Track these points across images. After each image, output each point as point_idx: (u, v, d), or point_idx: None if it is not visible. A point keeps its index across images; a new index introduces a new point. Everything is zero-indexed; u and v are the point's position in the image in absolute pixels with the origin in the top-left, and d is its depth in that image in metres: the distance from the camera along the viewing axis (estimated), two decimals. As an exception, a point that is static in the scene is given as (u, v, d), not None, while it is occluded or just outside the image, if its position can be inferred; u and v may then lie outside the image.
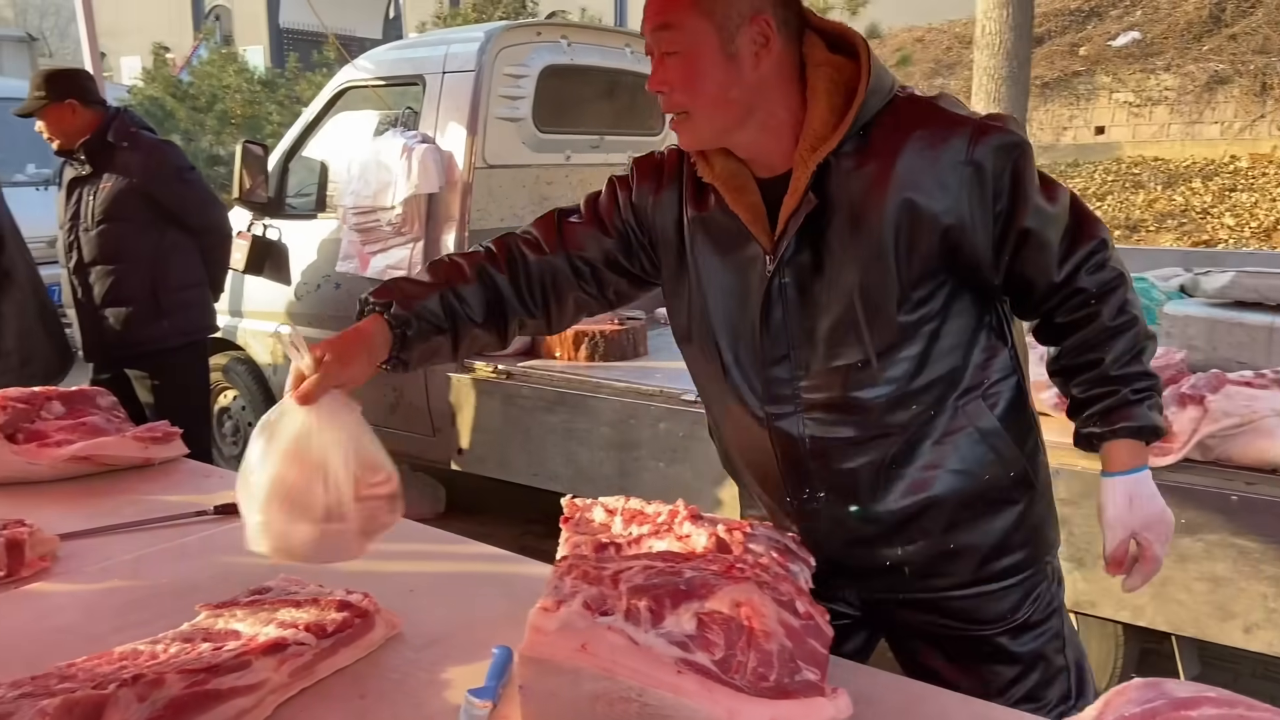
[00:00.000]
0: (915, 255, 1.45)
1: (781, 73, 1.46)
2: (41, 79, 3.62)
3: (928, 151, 1.42)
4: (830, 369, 1.51)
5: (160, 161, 3.69)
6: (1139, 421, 1.51)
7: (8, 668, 1.41)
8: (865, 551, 1.61)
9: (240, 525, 1.99)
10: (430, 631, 1.56)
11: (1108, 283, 1.51)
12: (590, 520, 1.61)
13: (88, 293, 3.70)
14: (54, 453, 2.21)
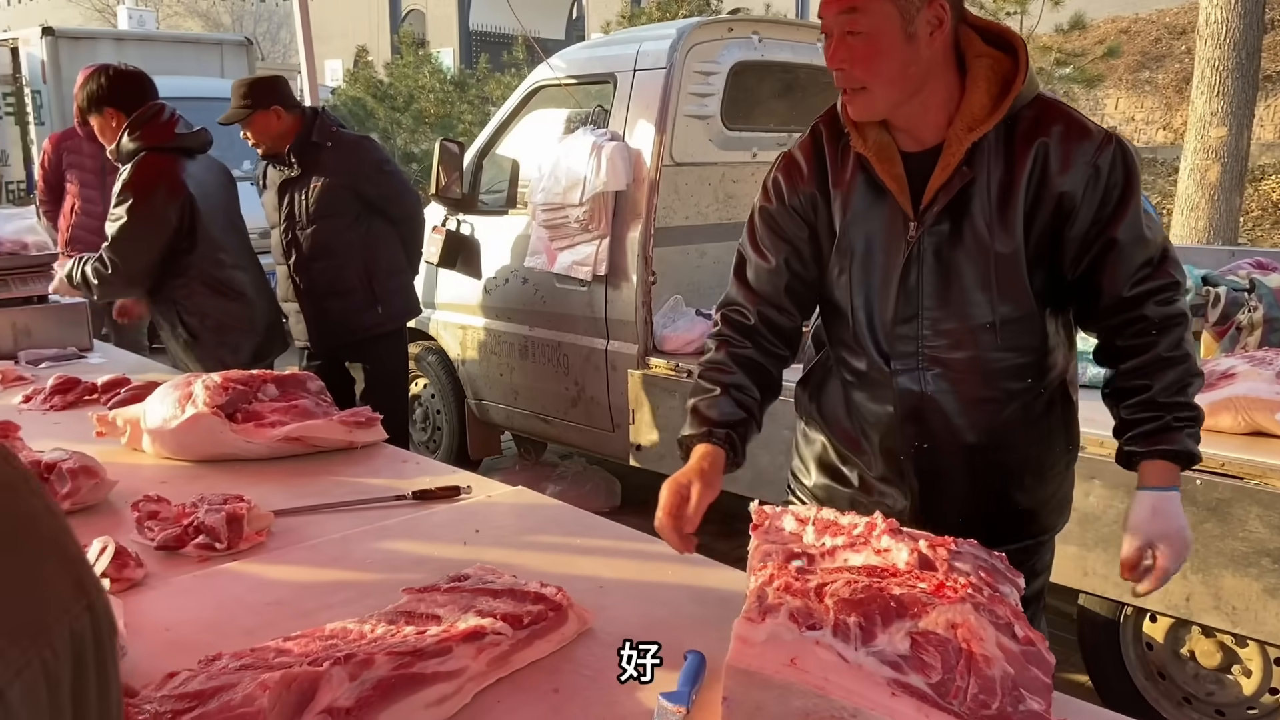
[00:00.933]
0: (1035, 228, 1.63)
1: (947, 56, 1.63)
2: (245, 88, 3.71)
3: (1062, 146, 1.60)
4: (957, 329, 1.69)
5: (362, 157, 3.81)
6: (1177, 446, 1.63)
7: (228, 638, 1.49)
8: (948, 505, 1.80)
9: (435, 511, 2.05)
10: (621, 629, 1.54)
11: (1171, 318, 1.65)
12: (780, 528, 1.55)
13: (310, 286, 3.84)
14: (268, 433, 2.33)
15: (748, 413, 1.78)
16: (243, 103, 3.68)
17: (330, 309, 3.85)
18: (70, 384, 2.87)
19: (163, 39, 9.70)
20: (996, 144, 1.62)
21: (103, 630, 0.50)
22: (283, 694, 1.19)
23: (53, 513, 0.50)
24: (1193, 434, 1.65)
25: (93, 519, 1.99)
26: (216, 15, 29.59)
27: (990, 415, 1.74)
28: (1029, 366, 1.73)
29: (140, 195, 3.32)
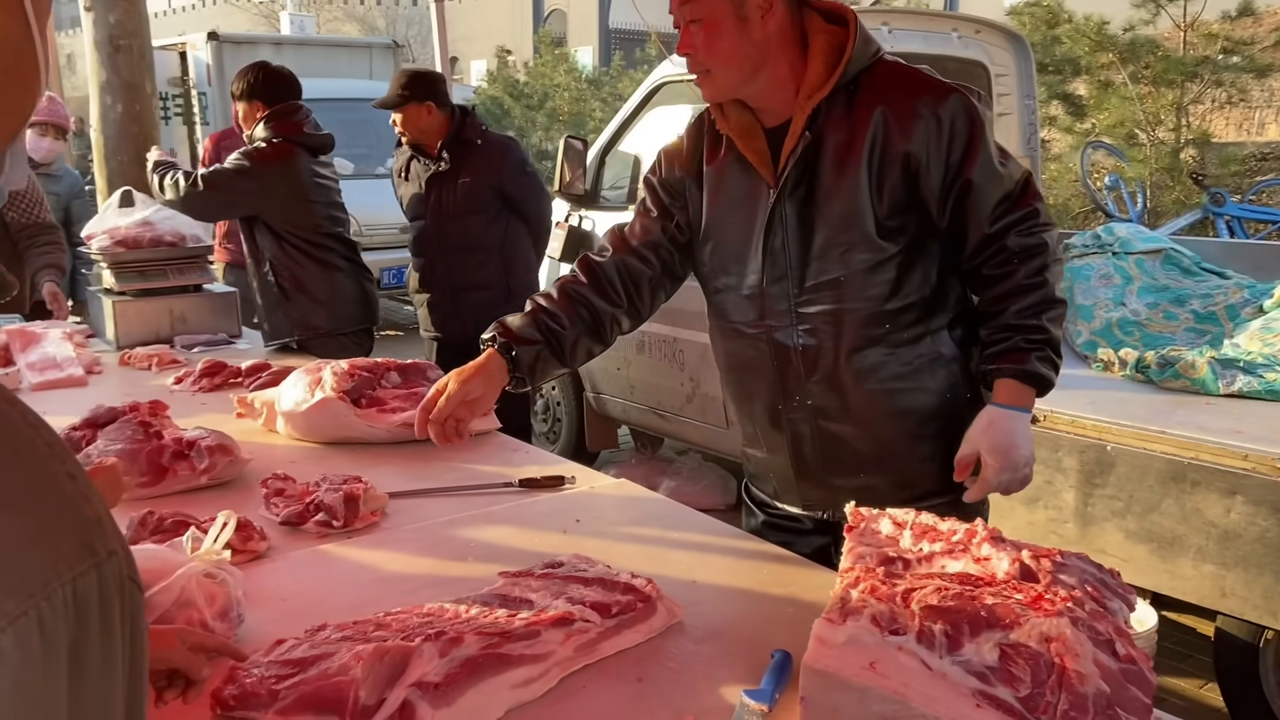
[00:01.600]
0: (886, 187, 1.73)
1: (784, 36, 1.74)
2: (407, 78, 3.85)
3: (902, 104, 1.71)
4: (819, 284, 1.78)
5: (507, 157, 3.94)
6: (1025, 367, 1.72)
7: (335, 611, 1.57)
8: (839, 464, 1.88)
9: (539, 499, 2.11)
10: (711, 625, 1.55)
11: (1031, 248, 1.73)
12: (877, 531, 1.53)
13: (450, 278, 3.95)
14: (389, 418, 2.44)
15: (546, 338, 1.89)
16: (401, 91, 3.82)
17: (468, 301, 3.95)
18: (217, 367, 3.07)
19: (316, 43, 10.22)
20: (840, 110, 1.75)
21: (110, 592, 0.52)
22: (375, 665, 1.25)
23: (71, 477, 0.53)
24: (1043, 357, 1.73)
25: (227, 493, 2.12)
26: (372, 19, 30.90)
27: (855, 367, 1.82)
28: (891, 315, 1.79)
29: (254, 162, 3.51)
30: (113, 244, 3.54)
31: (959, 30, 4.53)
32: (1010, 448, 1.73)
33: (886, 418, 1.84)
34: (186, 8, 35.98)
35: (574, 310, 1.92)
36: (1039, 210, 1.76)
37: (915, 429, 1.85)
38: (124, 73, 4.09)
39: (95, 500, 0.53)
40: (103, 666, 0.51)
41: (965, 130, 1.71)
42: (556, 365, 1.93)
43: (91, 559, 0.51)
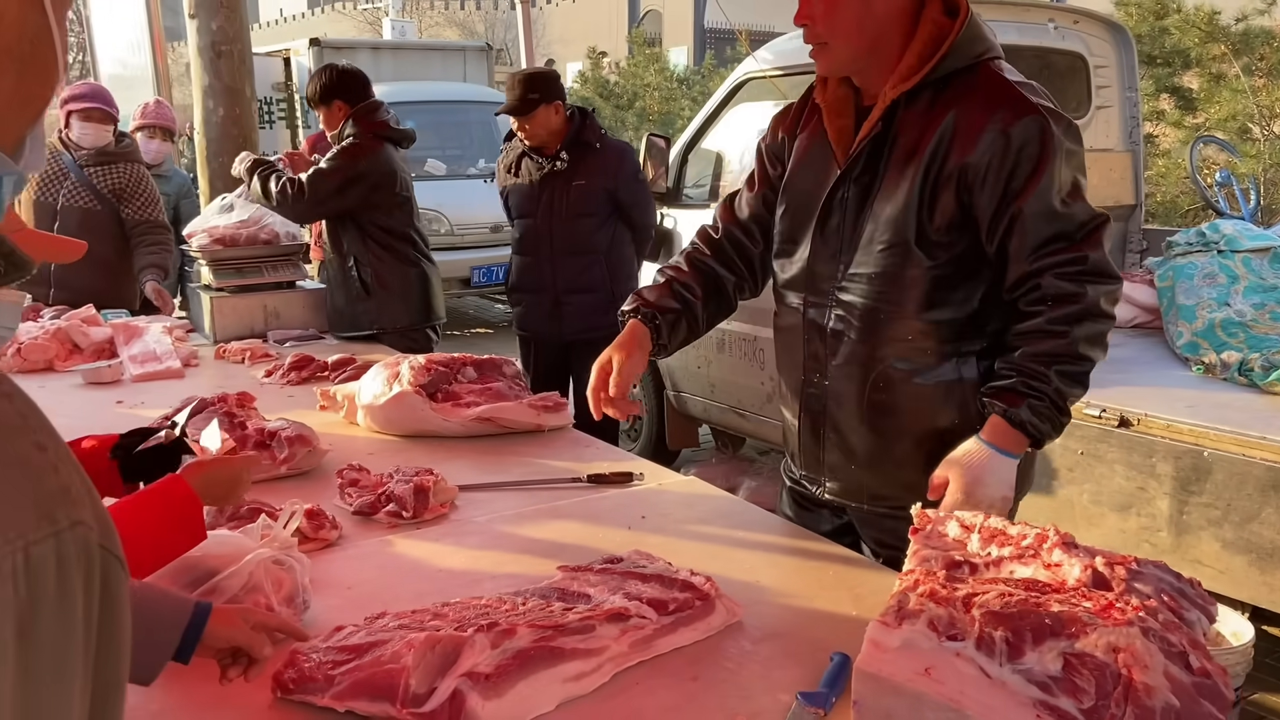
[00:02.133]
0: (939, 200, 1.68)
1: (902, 17, 1.70)
2: (530, 80, 3.73)
3: (974, 114, 1.64)
4: (859, 275, 1.77)
5: (625, 163, 3.91)
6: (1013, 410, 1.65)
7: (398, 599, 1.60)
8: (837, 450, 1.88)
9: (606, 495, 2.11)
10: (769, 625, 1.53)
11: (1066, 295, 1.64)
12: (943, 534, 1.48)
13: (556, 279, 3.89)
14: (463, 412, 2.47)
15: (683, 306, 1.94)
16: (530, 95, 3.71)
17: (571, 304, 3.90)
18: (305, 361, 3.16)
19: (412, 47, 10.47)
20: (921, 106, 1.70)
21: (70, 562, 0.52)
22: (426, 654, 1.26)
23: (40, 447, 0.54)
24: (1039, 408, 1.64)
25: (305, 483, 2.18)
26: (472, 24, 31.49)
27: (875, 365, 1.79)
28: (921, 327, 1.76)
29: (349, 159, 3.67)
30: (211, 242, 3.69)
31: (1056, 21, 4.37)
32: (975, 484, 1.67)
33: (887, 424, 1.81)
34: (295, 17, 37.25)
35: (703, 280, 1.97)
36: (1089, 258, 1.65)
37: (911, 444, 1.81)
38: (225, 77, 4.26)
39: (66, 470, 0.54)
40: (59, 635, 0.52)
41: (1032, 157, 1.63)
42: (689, 333, 1.99)
43: (50, 527, 0.51)
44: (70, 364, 3.22)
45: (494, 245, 8.24)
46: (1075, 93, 4.53)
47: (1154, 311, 4.03)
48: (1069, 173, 1.66)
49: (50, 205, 4.15)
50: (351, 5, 34.46)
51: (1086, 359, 1.66)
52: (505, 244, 8.39)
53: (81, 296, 3.79)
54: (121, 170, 4.20)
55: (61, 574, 0.52)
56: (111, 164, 4.18)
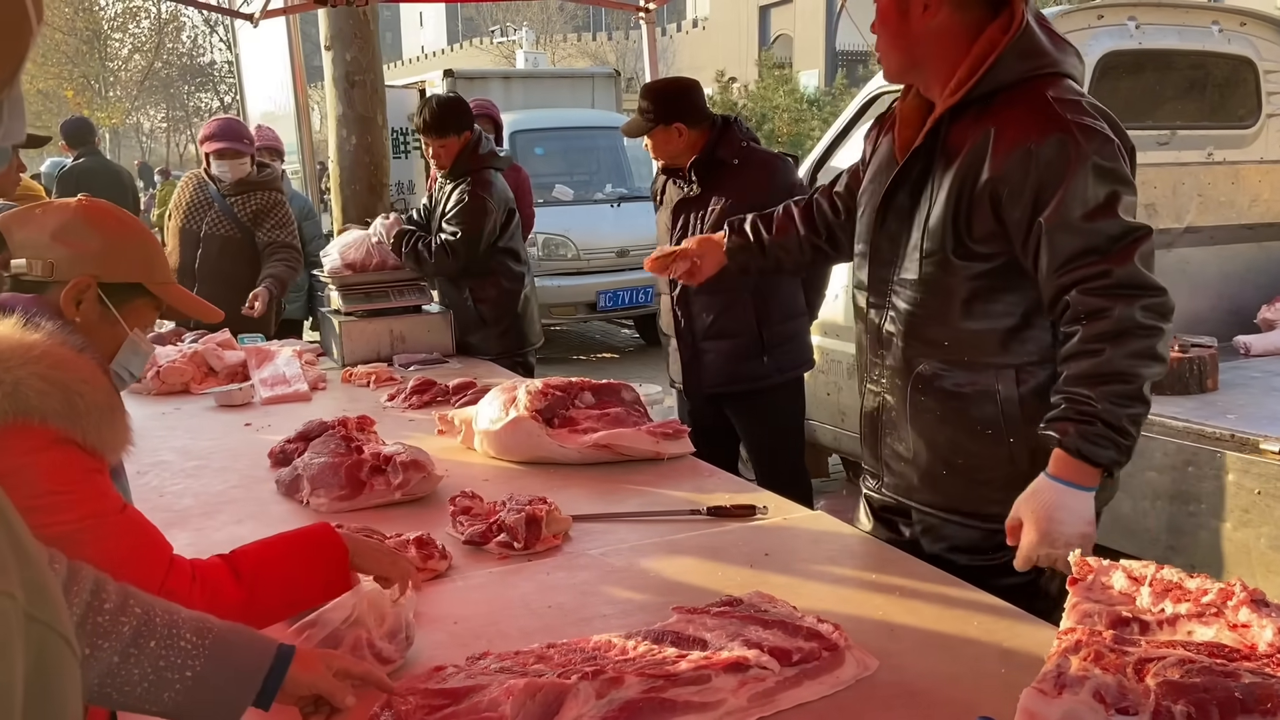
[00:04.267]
0: (974, 215, 1.75)
1: (950, 35, 1.77)
2: (651, 98, 3.27)
3: (1012, 131, 1.69)
4: (905, 280, 1.86)
5: (773, 178, 3.20)
6: (1066, 440, 1.63)
7: (505, 637, 1.52)
8: (887, 448, 1.97)
9: (727, 529, 1.99)
10: (905, 681, 1.38)
11: (1096, 310, 1.64)
12: (1108, 586, 1.31)
13: (690, 323, 3.31)
14: (580, 439, 2.40)
15: (756, 240, 2.29)
16: (645, 115, 3.22)
17: (710, 351, 3.29)
18: (427, 385, 3.16)
19: (542, 75, 10.66)
20: (969, 119, 1.76)
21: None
22: (526, 703, 1.18)
23: None
24: (1088, 432, 1.61)
25: (418, 510, 2.14)
26: (603, 54, 32.07)
27: (916, 365, 1.87)
28: (959, 334, 1.81)
29: (481, 202, 3.75)
30: (342, 267, 3.75)
31: (1220, 23, 4.05)
32: (1046, 521, 1.64)
33: (929, 426, 1.87)
34: (436, 52, 38.77)
35: (784, 225, 2.26)
36: (1114, 272, 1.63)
37: (945, 452, 1.86)
38: (358, 106, 4.38)
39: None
40: None
41: (1058, 172, 1.65)
42: (759, 261, 2.31)
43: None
44: (205, 386, 3.31)
45: (619, 270, 8.24)
46: (1243, 100, 4.18)
47: (1336, 335, 3.65)
48: (1100, 187, 1.64)
49: (195, 232, 4.33)
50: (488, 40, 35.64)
51: (1133, 375, 1.63)
52: (631, 268, 8.47)
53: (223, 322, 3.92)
54: (261, 197, 4.36)
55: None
56: (251, 192, 4.35)
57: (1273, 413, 3.04)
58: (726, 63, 22.49)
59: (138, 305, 1.56)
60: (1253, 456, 2.76)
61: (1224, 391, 3.34)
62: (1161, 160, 4.01)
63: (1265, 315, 4.02)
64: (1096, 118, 1.69)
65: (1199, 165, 4.08)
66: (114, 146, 31.79)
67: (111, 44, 30.20)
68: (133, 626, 1.04)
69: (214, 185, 4.35)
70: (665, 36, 30.81)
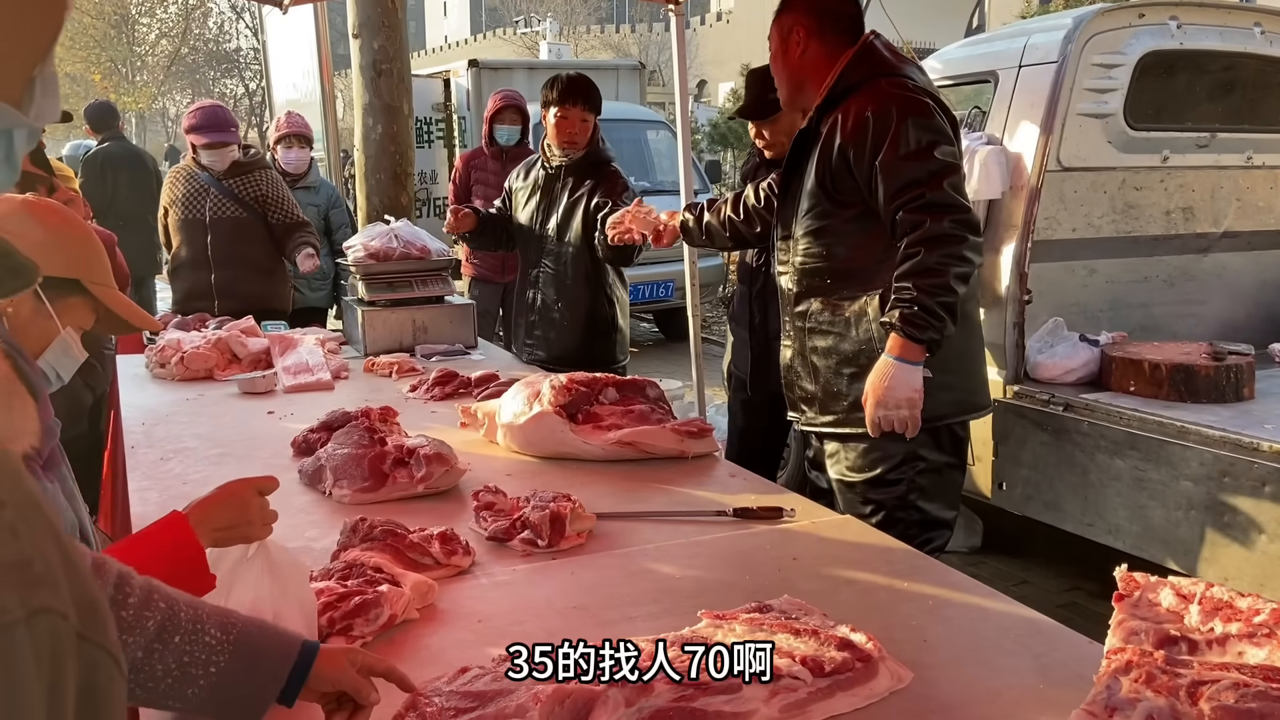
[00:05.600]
0: (837, 175, 2.36)
1: (819, 62, 2.44)
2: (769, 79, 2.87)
3: (856, 108, 2.32)
4: (797, 236, 2.49)
5: None
6: (892, 321, 2.24)
7: (530, 637, 1.47)
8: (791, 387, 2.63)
9: (754, 531, 1.95)
10: (942, 695, 1.34)
11: (915, 224, 2.23)
12: (1155, 603, 1.26)
13: (765, 320, 3.29)
14: (604, 436, 2.36)
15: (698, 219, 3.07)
16: (769, 95, 2.90)
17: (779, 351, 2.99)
18: (449, 377, 3.13)
19: (566, 66, 10.60)
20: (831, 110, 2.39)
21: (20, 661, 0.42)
22: (555, 709, 1.14)
23: None
24: (908, 314, 2.21)
25: (441, 503, 2.12)
26: (626, 46, 31.98)
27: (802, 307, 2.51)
28: (831, 273, 2.44)
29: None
30: (365, 256, 3.73)
31: (1263, 25, 3.96)
32: (881, 389, 2.26)
33: (814, 355, 2.48)
34: (459, 43, 38.78)
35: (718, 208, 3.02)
36: (926, 195, 2.21)
37: (835, 370, 2.45)
38: (384, 95, 4.34)
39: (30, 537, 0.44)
40: None
41: (886, 126, 2.25)
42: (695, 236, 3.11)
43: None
44: (229, 373, 3.30)
45: (642, 263, 8.17)
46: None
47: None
48: (920, 135, 2.24)
49: (199, 221, 4.31)
50: (511, 31, 35.60)
51: (943, 270, 2.19)
52: (654, 261, 8.40)
53: (244, 304, 3.91)
54: (258, 178, 4.34)
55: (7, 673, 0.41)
56: (247, 173, 4.32)
57: (1311, 421, 2.98)
58: (750, 56, 22.32)
59: (73, 304, 1.56)
60: (1291, 467, 2.70)
61: (1260, 400, 3.27)
62: (1200, 163, 3.93)
63: (1302, 323, 3.94)
64: (920, 94, 2.30)
65: (1238, 169, 4.00)
66: (140, 131, 31.98)
67: (139, 28, 30.31)
68: (157, 622, 1.01)
69: (205, 172, 4.33)
70: (689, 29, 30.62)
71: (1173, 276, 3.97)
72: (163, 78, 31.51)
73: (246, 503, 1.36)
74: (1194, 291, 3.99)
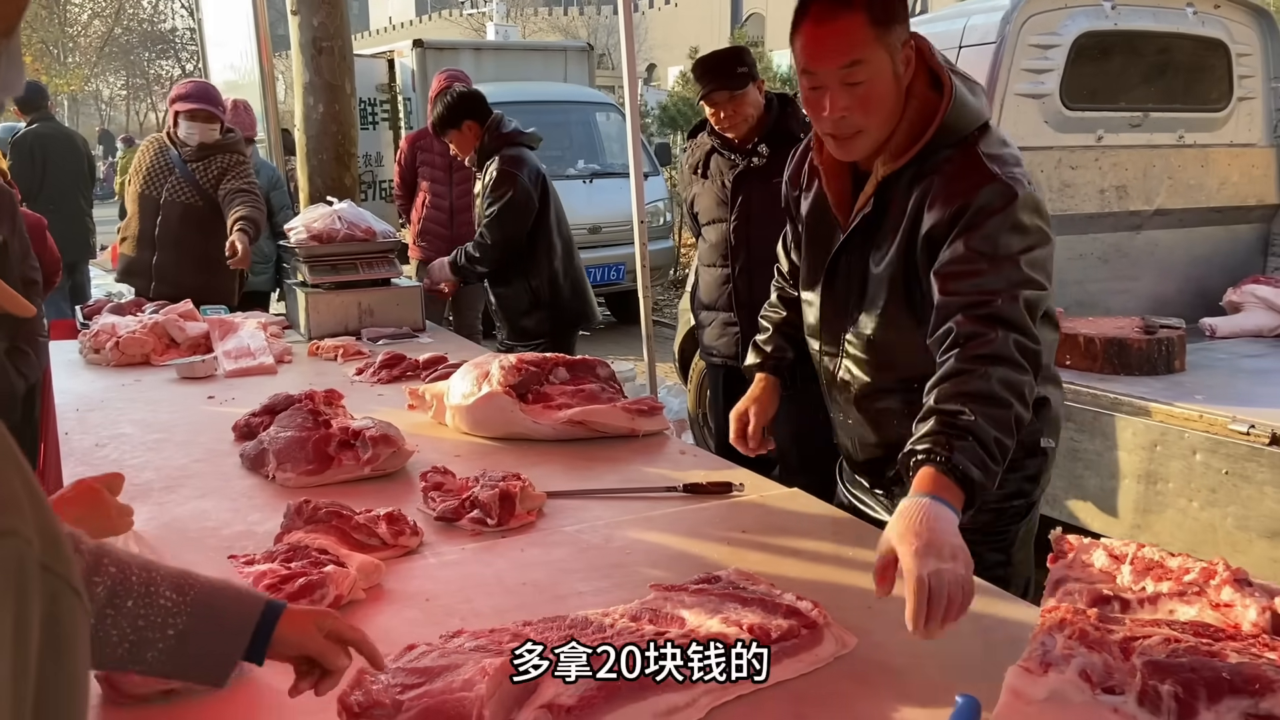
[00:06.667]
0: (920, 270, 1.73)
1: (926, 103, 1.72)
2: (742, 54, 3.29)
3: (949, 187, 1.68)
4: (861, 334, 1.86)
5: None
6: (914, 447, 1.50)
7: (479, 615, 1.49)
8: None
9: (704, 506, 1.97)
10: (884, 659, 1.37)
11: (976, 335, 1.58)
12: (1088, 564, 1.30)
13: (751, 294, 3.25)
14: (554, 415, 2.36)
15: (794, 347, 2.11)
16: (739, 69, 3.15)
17: None
18: (396, 360, 3.11)
19: (513, 47, 10.54)
20: (908, 178, 1.74)
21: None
22: (503, 682, 1.14)
23: None
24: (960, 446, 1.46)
25: (389, 485, 2.10)
26: (574, 29, 31.74)
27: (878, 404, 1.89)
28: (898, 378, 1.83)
29: (513, 181, 3.80)
30: (308, 238, 3.67)
31: (1195, 6, 4.06)
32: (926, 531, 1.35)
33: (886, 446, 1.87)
34: (404, 24, 38.17)
35: (793, 316, 2.10)
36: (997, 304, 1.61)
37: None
38: (325, 73, 4.27)
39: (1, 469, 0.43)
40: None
41: (981, 215, 1.65)
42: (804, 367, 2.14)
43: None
44: (166, 358, 3.23)
45: (593, 246, 8.15)
46: (1215, 83, 4.20)
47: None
48: (1014, 239, 1.64)
49: (154, 199, 4.22)
50: (457, 12, 35.15)
51: (1005, 401, 1.53)
52: (604, 244, 8.40)
53: (181, 291, 3.83)
54: (223, 159, 4.24)
55: None
56: (214, 156, 4.22)
57: (1239, 393, 3.08)
58: (698, 40, 22.33)
59: None
60: (1220, 436, 2.78)
61: (1191, 372, 3.37)
62: (1133, 142, 4.03)
63: (1231, 298, 4.06)
64: (1018, 166, 1.71)
65: (1170, 148, 4.10)
66: (73, 114, 31.08)
67: (71, 9, 29.44)
68: (107, 587, 1.00)
69: (176, 150, 4.23)
70: (637, 13, 30.53)
71: (1107, 253, 4.06)
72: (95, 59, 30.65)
73: (96, 498, 1.37)
74: (1127, 268, 4.09)
